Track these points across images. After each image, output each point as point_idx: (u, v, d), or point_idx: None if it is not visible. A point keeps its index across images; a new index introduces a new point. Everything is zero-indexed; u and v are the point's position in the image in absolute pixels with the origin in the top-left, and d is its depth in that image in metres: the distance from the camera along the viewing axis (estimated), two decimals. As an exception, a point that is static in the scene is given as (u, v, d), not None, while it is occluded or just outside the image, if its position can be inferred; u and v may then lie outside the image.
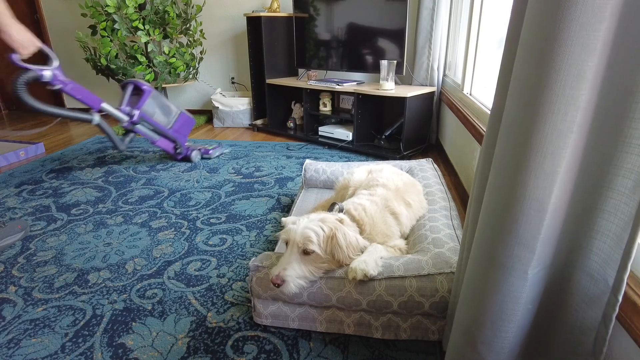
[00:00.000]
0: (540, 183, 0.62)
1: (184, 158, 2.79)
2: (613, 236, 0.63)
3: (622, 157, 0.61)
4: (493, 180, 0.71)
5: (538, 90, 0.59)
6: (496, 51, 2.08)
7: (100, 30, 3.25)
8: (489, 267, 0.71)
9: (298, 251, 1.09)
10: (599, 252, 0.66)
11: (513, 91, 0.65)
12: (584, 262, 0.69)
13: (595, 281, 0.67)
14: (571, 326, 0.73)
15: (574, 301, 0.72)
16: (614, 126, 0.60)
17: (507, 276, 0.69)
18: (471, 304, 0.78)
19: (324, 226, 1.10)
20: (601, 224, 0.65)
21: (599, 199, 0.65)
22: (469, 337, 0.78)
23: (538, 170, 0.62)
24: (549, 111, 0.58)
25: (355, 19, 3.03)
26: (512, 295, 0.70)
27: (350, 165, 1.96)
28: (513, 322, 0.73)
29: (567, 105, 0.58)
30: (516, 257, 0.67)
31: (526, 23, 0.61)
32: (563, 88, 0.57)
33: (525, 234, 0.66)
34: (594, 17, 0.53)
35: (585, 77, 0.56)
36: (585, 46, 0.54)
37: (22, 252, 1.67)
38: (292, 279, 1.06)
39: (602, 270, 0.66)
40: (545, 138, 0.60)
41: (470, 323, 0.77)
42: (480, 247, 0.74)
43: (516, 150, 0.63)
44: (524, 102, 0.61)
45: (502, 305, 0.71)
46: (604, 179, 0.63)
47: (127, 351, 1.15)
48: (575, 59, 0.55)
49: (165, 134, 2.63)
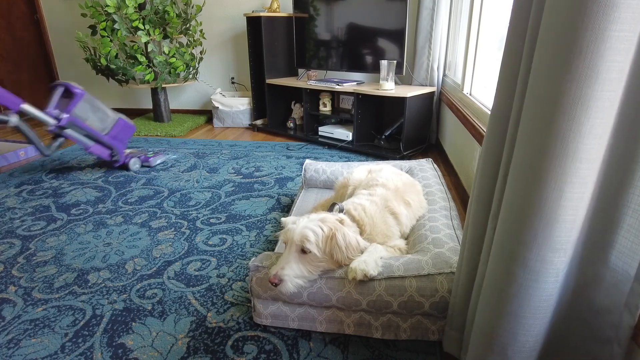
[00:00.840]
0: (576, 188, 0.61)
1: (121, 166, 2.65)
2: (635, 231, 0.64)
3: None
4: (515, 185, 0.69)
5: (575, 95, 0.57)
6: (496, 51, 2.08)
7: (100, 30, 3.25)
8: (517, 272, 0.70)
9: (296, 250, 1.09)
10: (621, 247, 0.67)
11: (534, 93, 0.63)
12: (605, 257, 0.70)
13: (616, 273, 0.68)
14: (591, 315, 0.73)
15: (593, 293, 0.72)
16: (638, 124, 0.60)
17: (539, 282, 0.68)
18: (496, 313, 0.76)
19: (324, 226, 1.10)
20: (625, 219, 0.66)
21: (623, 196, 0.65)
22: (494, 344, 0.77)
23: (574, 177, 0.60)
24: (587, 115, 0.57)
25: (355, 19, 3.03)
26: (544, 299, 0.70)
27: (350, 165, 1.96)
28: (544, 325, 0.73)
29: (604, 109, 0.57)
30: (549, 262, 0.67)
31: (546, 22, 0.60)
32: (601, 92, 0.56)
33: (559, 239, 0.65)
34: (618, 17, 0.53)
35: (619, 79, 0.56)
36: (619, 48, 0.54)
37: (21, 252, 1.67)
38: (289, 278, 1.06)
39: (623, 263, 0.66)
40: (582, 143, 0.58)
41: (497, 331, 0.76)
42: (504, 252, 0.73)
43: (547, 157, 0.62)
44: (557, 107, 0.59)
45: (534, 309, 0.71)
46: (627, 176, 0.64)
47: (127, 351, 1.14)
48: (614, 60, 0.54)
49: (100, 140, 2.48)
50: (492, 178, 0.82)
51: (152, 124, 3.78)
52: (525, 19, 0.70)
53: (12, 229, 1.87)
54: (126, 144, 2.65)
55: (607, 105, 0.57)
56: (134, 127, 2.69)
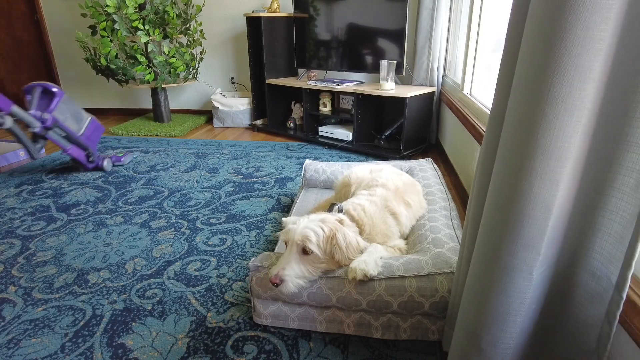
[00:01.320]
0: (546, 184, 0.62)
1: (96, 167, 2.61)
2: (615, 235, 0.63)
3: (623, 156, 0.60)
4: (495, 181, 0.70)
5: (544, 91, 0.58)
6: (496, 51, 2.08)
7: (100, 30, 3.25)
8: (493, 269, 0.71)
9: (297, 251, 1.09)
10: (601, 250, 0.66)
11: (516, 92, 0.65)
12: (586, 261, 0.69)
13: (598, 279, 0.67)
14: (574, 324, 0.73)
15: (577, 299, 0.72)
16: (616, 125, 0.60)
17: (512, 278, 0.69)
18: (474, 306, 0.77)
19: (324, 226, 1.10)
20: (603, 222, 0.65)
21: (601, 198, 0.65)
22: (473, 339, 0.78)
23: (543, 172, 0.61)
24: (555, 112, 0.58)
25: (355, 19, 3.03)
26: (517, 296, 0.70)
27: (350, 165, 1.96)
28: (518, 323, 0.72)
29: (573, 107, 0.57)
30: (522, 259, 0.67)
31: (530, 23, 0.61)
32: (569, 89, 0.56)
33: (530, 235, 0.65)
34: (599, 18, 0.53)
35: (591, 78, 0.56)
36: (590, 48, 0.54)
37: (21, 252, 1.67)
38: (290, 278, 1.06)
39: (604, 268, 0.66)
40: (551, 139, 0.59)
41: (474, 324, 0.77)
42: (483, 248, 0.74)
43: (520, 152, 0.63)
44: (529, 104, 0.61)
45: (507, 307, 0.71)
46: (605, 177, 0.63)
47: (127, 351, 1.14)
48: (582, 60, 0.55)
49: (77, 140, 2.43)
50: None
51: (152, 124, 3.78)
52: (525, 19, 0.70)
53: (12, 229, 1.87)
54: (96, 145, 2.61)
55: (578, 103, 0.57)
56: (103, 127, 2.68)
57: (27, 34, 4.28)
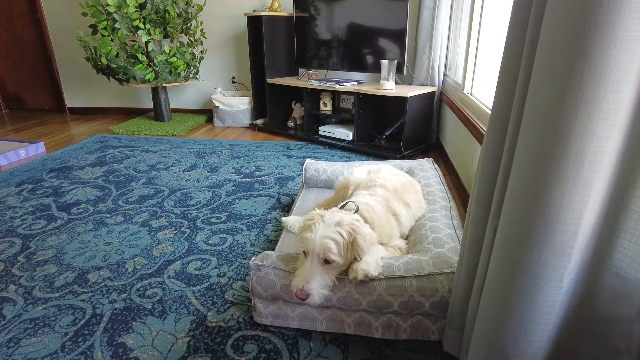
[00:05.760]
0: (578, 190, 0.60)
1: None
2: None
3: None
4: (515, 187, 0.68)
5: (576, 95, 0.56)
6: (497, 51, 2.08)
7: (101, 29, 3.24)
8: (518, 277, 0.69)
9: (319, 262, 1.07)
10: (626, 251, 0.65)
11: (537, 97, 0.62)
12: (610, 262, 0.68)
13: (623, 280, 0.66)
14: (599, 326, 0.71)
15: (601, 301, 0.70)
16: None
17: (540, 286, 0.67)
18: (495, 316, 0.75)
19: (342, 231, 1.08)
20: (627, 223, 0.64)
21: (624, 199, 0.64)
22: (497, 350, 0.76)
23: (576, 178, 0.59)
24: (589, 116, 0.56)
25: (355, 18, 3.03)
26: (547, 305, 0.68)
27: (350, 165, 1.96)
28: (547, 331, 0.71)
29: (608, 110, 0.56)
30: (551, 267, 0.65)
31: (552, 24, 0.59)
32: (605, 92, 0.54)
33: (561, 242, 0.64)
34: (637, 17, 0.52)
35: (627, 79, 0.55)
36: (626, 49, 0.53)
37: (22, 251, 1.67)
38: (316, 291, 1.05)
39: (630, 268, 0.65)
40: (584, 144, 0.57)
41: (497, 335, 0.75)
42: (504, 257, 0.72)
43: (548, 158, 0.61)
44: (557, 108, 0.58)
45: (535, 316, 0.69)
46: (630, 178, 0.62)
47: (127, 350, 1.14)
48: (617, 62, 0.54)
49: None
50: (492, 178, 0.82)
51: (153, 124, 3.78)
52: (525, 19, 0.70)
53: (13, 227, 1.87)
54: None
55: (611, 106, 0.56)
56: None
57: (27, 33, 4.29)
